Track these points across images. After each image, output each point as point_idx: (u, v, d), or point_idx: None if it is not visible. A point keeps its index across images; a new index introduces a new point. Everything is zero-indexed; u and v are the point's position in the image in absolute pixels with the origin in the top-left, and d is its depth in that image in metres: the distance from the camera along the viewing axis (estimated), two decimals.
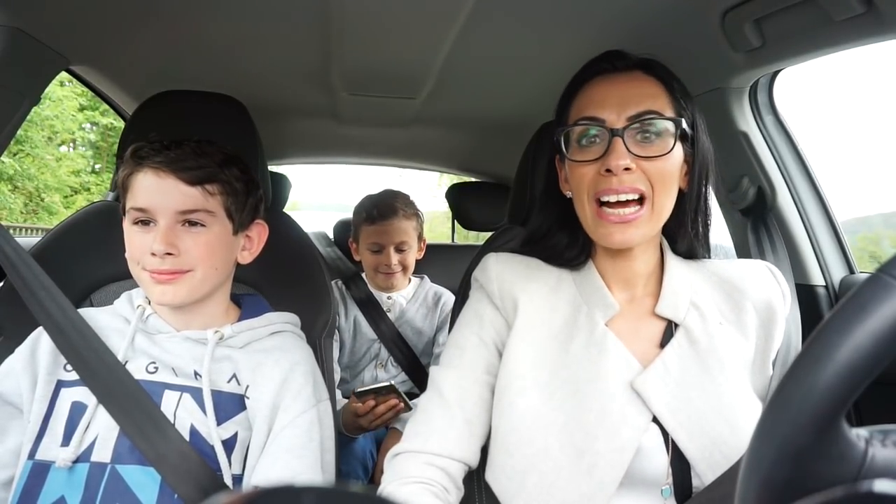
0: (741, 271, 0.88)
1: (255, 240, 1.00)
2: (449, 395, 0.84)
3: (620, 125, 0.78)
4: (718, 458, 0.75)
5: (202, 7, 1.16)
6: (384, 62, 1.39)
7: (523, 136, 1.25)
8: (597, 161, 0.79)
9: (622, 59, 0.84)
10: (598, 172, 0.79)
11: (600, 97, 0.81)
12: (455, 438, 0.82)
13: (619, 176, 0.77)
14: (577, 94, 0.85)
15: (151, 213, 0.87)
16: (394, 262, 1.74)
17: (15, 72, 1.08)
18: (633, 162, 0.77)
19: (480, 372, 0.86)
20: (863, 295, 0.37)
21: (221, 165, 0.91)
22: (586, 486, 0.74)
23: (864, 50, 0.94)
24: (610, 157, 0.77)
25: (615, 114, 0.78)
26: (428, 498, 0.76)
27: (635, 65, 0.83)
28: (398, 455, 0.83)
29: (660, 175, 0.78)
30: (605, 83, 0.82)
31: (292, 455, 0.87)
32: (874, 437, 0.39)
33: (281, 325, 1.00)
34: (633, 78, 0.82)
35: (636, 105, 0.78)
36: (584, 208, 0.82)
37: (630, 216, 0.78)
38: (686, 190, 0.84)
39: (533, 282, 0.87)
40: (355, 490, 0.26)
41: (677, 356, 0.80)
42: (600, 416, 0.76)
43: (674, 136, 0.79)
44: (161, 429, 0.84)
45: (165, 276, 0.87)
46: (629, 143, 0.77)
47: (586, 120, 0.80)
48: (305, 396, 0.91)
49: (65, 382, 0.89)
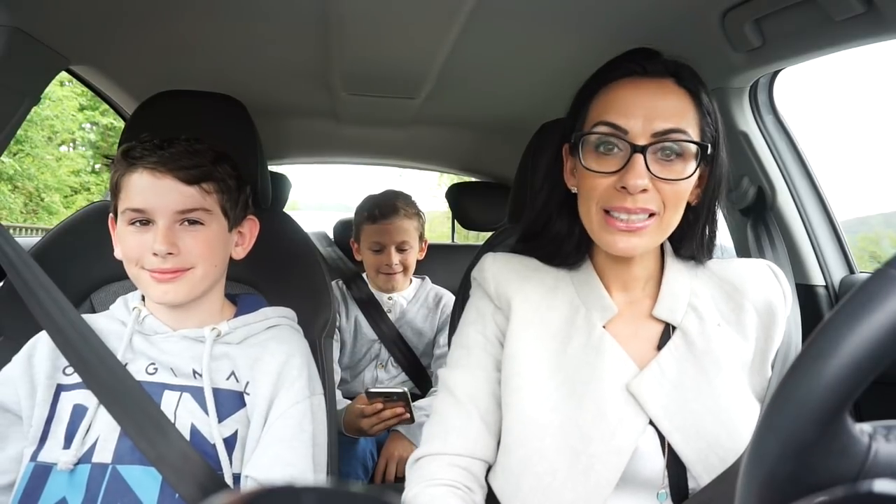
0: (742, 271, 0.87)
1: (246, 235, 1.01)
2: (461, 395, 0.84)
3: (644, 141, 0.74)
4: (714, 460, 0.74)
5: (202, 7, 1.15)
6: (384, 62, 1.39)
7: (523, 136, 1.25)
8: (612, 175, 0.75)
9: (654, 61, 0.78)
10: (613, 186, 0.75)
11: (625, 104, 0.76)
12: (474, 437, 0.82)
13: (634, 196, 0.73)
14: (600, 94, 0.79)
15: (150, 214, 0.87)
16: (395, 262, 1.74)
17: (15, 72, 1.08)
18: (651, 182, 0.74)
19: (489, 369, 0.85)
20: (869, 289, 0.37)
21: (214, 163, 0.92)
22: (582, 488, 0.74)
23: (864, 50, 0.94)
24: (629, 174, 0.73)
25: (640, 126, 0.74)
26: (453, 500, 0.77)
27: (667, 71, 0.78)
28: (420, 459, 0.83)
29: (674, 196, 0.75)
30: (632, 88, 0.77)
31: (283, 445, 0.87)
32: (878, 433, 0.39)
33: (277, 319, 1.01)
34: (663, 87, 0.76)
35: (663, 120, 0.74)
36: (589, 213, 0.79)
37: (637, 226, 0.75)
38: (696, 204, 0.81)
39: (529, 282, 0.87)
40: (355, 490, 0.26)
41: (674, 359, 0.80)
42: (597, 418, 0.76)
43: (696, 159, 0.75)
44: (162, 429, 0.84)
45: (167, 276, 0.87)
46: (649, 160, 0.73)
47: (608, 126, 0.76)
48: (299, 387, 0.92)
49: (64, 386, 0.89)
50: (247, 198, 1.00)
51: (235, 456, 0.88)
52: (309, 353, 1.00)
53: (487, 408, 0.83)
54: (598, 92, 0.80)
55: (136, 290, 0.97)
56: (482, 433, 0.82)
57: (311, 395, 0.94)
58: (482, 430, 0.83)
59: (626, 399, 0.77)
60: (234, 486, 0.87)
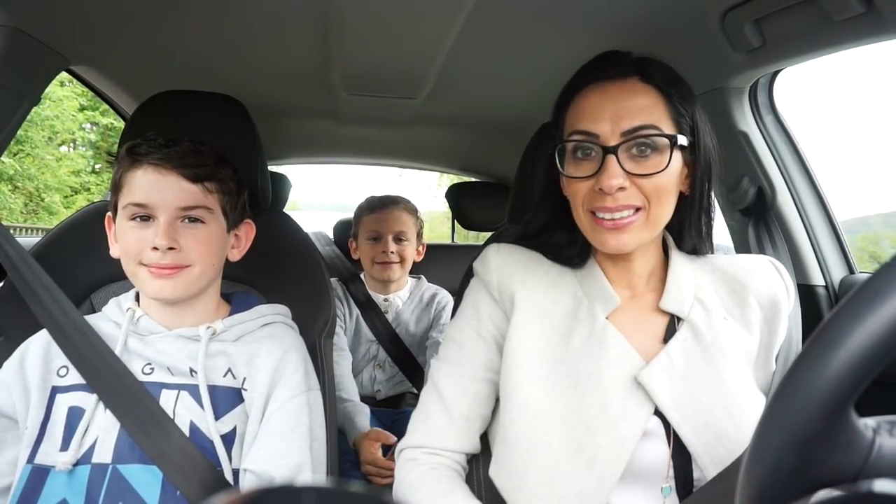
0: (745, 266, 0.88)
1: (243, 239, 1.02)
2: (446, 391, 0.86)
3: (614, 141, 0.76)
4: (721, 452, 0.75)
5: (202, 7, 1.16)
6: (384, 62, 1.39)
7: (523, 136, 1.25)
8: (590, 178, 0.78)
9: (616, 64, 0.81)
10: (593, 189, 0.78)
11: (592, 110, 0.79)
12: (454, 435, 0.86)
13: (613, 195, 0.76)
14: (571, 103, 0.83)
15: (151, 209, 0.88)
16: (391, 251, 1.75)
17: (15, 72, 1.08)
18: (627, 180, 0.76)
19: (478, 368, 0.86)
20: (876, 282, 0.36)
21: (218, 164, 0.94)
22: (587, 480, 0.74)
23: (864, 50, 0.94)
24: (603, 176, 0.76)
25: (609, 128, 0.76)
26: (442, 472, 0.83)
27: (631, 71, 0.80)
28: (404, 450, 0.87)
29: (655, 190, 0.77)
30: (598, 93, 0.80)
31: (280, 438, 0.88)
32: (882, 427, 0.39)
33: (271, 317, 1.01)
34: (628, 88, 0.79)
35: (630, 119, 0.76)
36: (580, 217, 0.82)
37: (623, 222, 0.77)
38: (688, 193, 0.83)
39: (533, 274, 0.87)
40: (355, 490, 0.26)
41: (682, 350, 0.80)
42: (601, 410, 0.77)
43: (670, 150, 0.77)
44: (163, 426, 0.84)
45: (166, 271, 0.87)
46: (623, 159, 0.76)
47: (579, 134, 0.79)
48: (296, 382, 0.93)
49: (59, 388, 0.89)
50: (245, 202, 1.01)
51: (234, 452, 0.89)
52: (304, 348, 1.00)
53: (471, 406, 0.86)
54: (571, 102, 0.83)
55: (131, 291, 0.98)
56: (462, 430, 0.86)
57: (308, 389, 0.95)
58: (462, 428, 0.86)
59: (630, 390, 0.78)
60: (233, 482, 0.87)
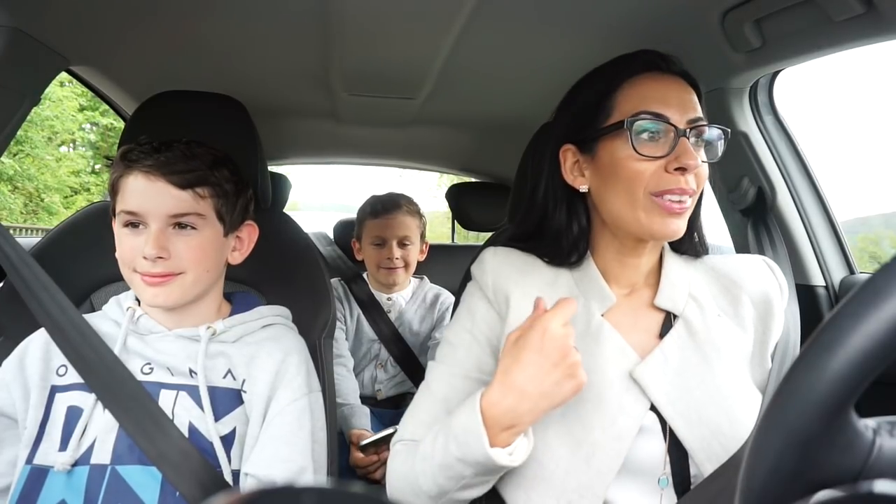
0: (738, 266, 0.89)
1: (245, 240, 1.00)
2: (437, 391, 0.87)
3: (683, 126, 0.78)
4: (717, 448, 0.76)
5: (202, 7, 1.15)
6: (384, 63, 1.39)
7: (523, 136, 1.25)
8: (661, 159, 0.77)
9: (667, 60, 0.83)
10: (664, 169, 0.77)
11: (661, 94, 0.79)
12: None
13: (689, 174, 0.77)
14: (625, 87, 0.81)
15: (142, 217, 0.87)
16: (396, 257, 1.75)
17: (15, 72, 1.08)
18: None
19: (470, 369, 0.87)
20: (877, 282, 0.36)
21: (211, 167, 0.91)
22: (585, 476, 0.75)
23: (864, 50, 0.94)
24: (684, 155, 0.76)
25: (678, 114, 0.78)
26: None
27: (677, 69, 0.83)
28: (397, 444, 0.87)
29: (703, 180, 0.80)
30: (662, 81, 0.81)
31: (282, 441, 0.88)
32: (882, 428, 0.39)
33: (272, 318, 1.01)
34: (681, 82, 0.81)
35: (693, 110, 0.79)
36: (635, 201, 0.79)
37: (685, 206, 0.78)
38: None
39: (528, 276, 0.88)
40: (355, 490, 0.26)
41: (677, 346, 0.81)
42: (597, 406, 0.77)
43: (723, 143, 0.81)
44: (162, 427, 0.84)
45: (157, 279, 0.87)
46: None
47: (649, 115, 0.78)
48: (297, 385, 0.92)
49: (59, 387, 0.89)
50: (247, 202, 0.99)
51: (234, 453, 0.89)
52: (306, 350, 1.00)
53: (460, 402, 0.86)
54: (621, 86, 0.81)
55: (131, 291, 0.97)
56: None
57: (310, 392, 0.94)
58: None
59: (626, 386, 0.79)
60: (233, 483, 0.87)
